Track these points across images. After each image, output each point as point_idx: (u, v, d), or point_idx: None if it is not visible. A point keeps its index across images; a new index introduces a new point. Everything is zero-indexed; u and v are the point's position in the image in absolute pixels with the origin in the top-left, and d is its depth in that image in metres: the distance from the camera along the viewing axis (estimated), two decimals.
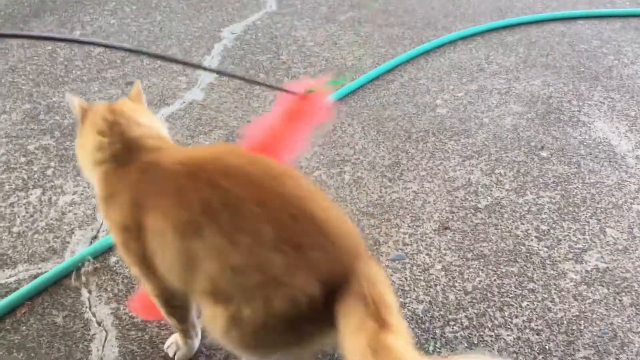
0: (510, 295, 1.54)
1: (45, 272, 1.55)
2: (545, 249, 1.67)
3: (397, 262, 1.63)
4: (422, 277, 1.59)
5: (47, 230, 1.69)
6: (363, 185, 1.88)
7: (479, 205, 1.82)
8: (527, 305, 1.51)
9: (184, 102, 2.26)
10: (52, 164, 1.94)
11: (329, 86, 1.39)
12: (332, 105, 1.24)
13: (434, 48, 2.64)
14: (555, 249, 1.67)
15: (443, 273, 1.60)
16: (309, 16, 2.92)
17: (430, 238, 1.70)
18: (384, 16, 2.93)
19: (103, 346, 1.39)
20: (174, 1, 3.03)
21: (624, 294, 1.55)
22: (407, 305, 1.51)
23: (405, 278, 1.58)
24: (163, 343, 1.40)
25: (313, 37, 2.73)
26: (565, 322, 1.47)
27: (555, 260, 1.64)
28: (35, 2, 2.97)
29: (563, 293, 1.55)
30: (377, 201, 1.82)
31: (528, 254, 1.66)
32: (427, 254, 1.65)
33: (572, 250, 1.67)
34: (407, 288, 1.56)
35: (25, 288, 1.49)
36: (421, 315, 1.48)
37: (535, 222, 1.76)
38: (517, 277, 1.59)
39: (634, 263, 1.63)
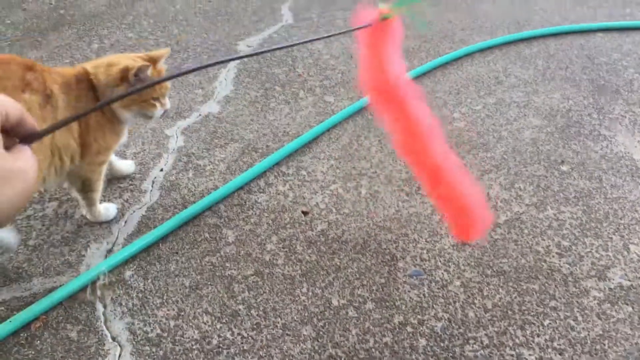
0: (532, 313, 1.50)
1: (60, 285, 1.54)
2: (567, 266, 1.63)
3: (415, 278, 1.60)
4: (440, 294, 1.55)
5: (63, 244, 1.69)
6: (380, 200, 1.86)
7: (499, 221, 1.78)
8: (549, 323, 1.48)
9: (200, 114, 2.26)
10: None
11: (399, 9, 1.35)
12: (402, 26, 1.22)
13: (451, 61, 2.62)
14: (578, 265, 1.63)
15: (462, 290, 1.56)
16: (325, 29, 2.91)
17: (448, 254, 1.67)
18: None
19: None
20: (190, 14, 3.05)
21: None
22: (426, 322, 1.48)
23: (424, 295, 1.55)
24: (177, 359, 1.38)
25: (329, 50, 2.72)
26: (588, 341, 1.43)
27: (578, 278, 1.60)
28: (53, 16, 3.00)
29: (586, 311, 1.51)
30: (394, 215, 1.80)
31: (549, 271, 1.62)
32: (446, 270, 1.62)
33: (594, 267, 1.63)
34: (425, 305, 1.53)
35: (40, 302, 1.48)
36: (440, 333, 1.45)
37: (557, 238, 1.72)
38: (538, 294, 1.55)
39: None
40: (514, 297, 1.54)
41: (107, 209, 1.77)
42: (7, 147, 0.50)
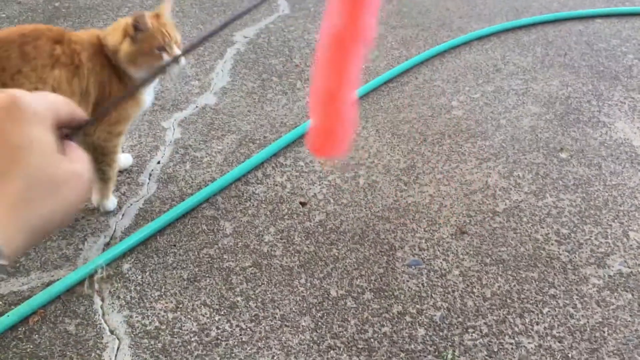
0: (531, 302, 1.50)
1: (58, 279, 1.54)
2: (567, 254, 1.63)
3: (413, 267, 1.59)
4: (439, 283, 1.55)
5: (60, 237, 1.68)
6: (378, 189, 1.85)
7: (497, 209, 1.78)
8: (549, 311, 1.47)
9: (196, 106, 2.25)
10: None
11: None
12: None
13: (449, 49, 2.60)
14: (577, 253, 1.63)
15: (461, 279, 1.56)
16: (321, 19, 2.88)
17: (447, 243, 1.66)
18: (398, 17, 2.90)
19: (115, 355, 1.38)
20: (187, 5, 3.03)
21: None
22: (425, 312, 1.47)
23: (422, 284, 1.55)
24: (176, 352, 1.38)
25: None
26: (588, 329, 1.43)
27: (577, 265, 1.59)
28: (48, 9, 2.98)
29: (585, 299, 1.50)
30: (392, 205, 1.79)
31: (548, 259, 1.61)
32: (445, 259, 1.62)
33: (594, 255, 1.62)
34: (424, 294, 1.52)
35: (37, 296, 1.47)
36: (439, 322, 1.45)
37: (556, 226, 1.71)
38: (537, 282, 1.55)
39: None
40: (513, 286, 1.54)
41: (112, 199, 1.78)
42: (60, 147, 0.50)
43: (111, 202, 1.76)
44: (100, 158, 1.64)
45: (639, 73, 2.40)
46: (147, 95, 1.68)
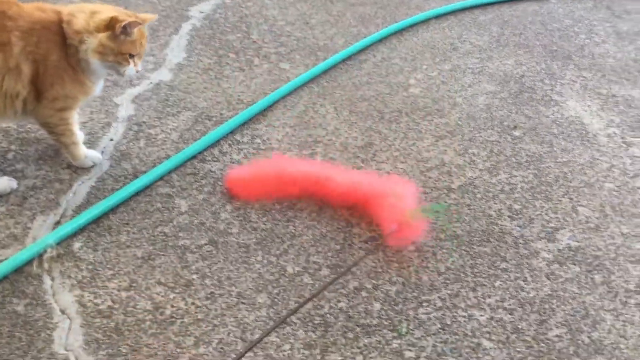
0: (484, 276, 1.53)
1: (5, 259, 1.49)
2: (518, 229, 1.66)
3: (369, 243, 1.60)
4: (394, 259, 1.57)
5: (8, 216, 1.63)
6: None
7: (452, 186, 1.80)
8: (500, 285, 1.51)
9: (151, 82, 2.19)
10: (13, 147, 1.86)
11: (425, 214, 1.61)
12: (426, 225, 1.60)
13: (407, 27, 2.60)
14: (528, 228, 1.67)
15: (416, 254, 1.58)
16: None
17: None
18: None
19: (67, 335, 1.35)
20: None
21: (595, 272, 1.55)
22: (380, 287, 1.49)
23: (378, 260, 1.56)
24: (129, 330, 1.36)
25: (284, 17, 2.67)
26: (537, 301, 1.47)
27: (528, 240, 1.63)
28: None
29: (535, 272, 1.54)
30: None
31: (501, 234, 1.65)
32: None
33: (544, 230, 1.66)
34: (380, 270, 1.54)
35: None
36: (394, 297, 1.47)
37: (508, 202, 1.75)
38: (490, 257, 1.58)
39: (606, 241, 1.64)
40: (467, 260, 1.57)
41: (89, 156, 1.78)
42: None
43: (87, 160, 1.77)
44: (51, 130, 1.68)
45: (590, 53, 2.46)
46: (97, 85, 1.69)
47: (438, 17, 2.69)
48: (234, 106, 2.09)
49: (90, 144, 1.87)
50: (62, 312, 1.39)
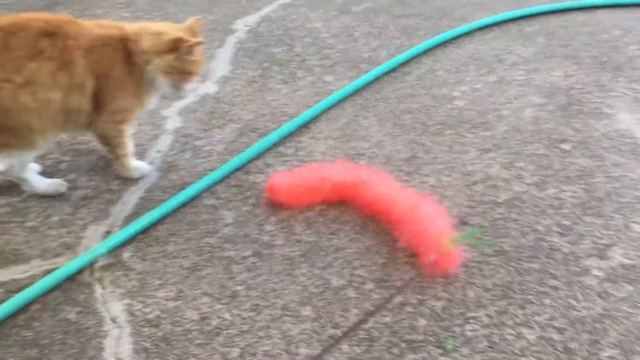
0: (532, 293, 1.50)
1: (58, 267, 1.54)
2: (568, 245, 1.62)
3: (414, 258, 1.59)
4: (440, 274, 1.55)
5: (61, 225, 1.68)
6: None
7: (499, 200, 1.77)
8: (550, 303, 1.47)
9: (197, 95, 2.24)
10: (66, 158, 1.92)
11: (463, 241, 1.58)
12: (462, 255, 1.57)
13: (451, 39, 2.58)
14: (578, 244, 1.62)
15: (462, 269, 1.55)
16: (323, 8, 2.87)
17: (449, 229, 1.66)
18: (400, 7, 2.88)
19: (116, 343, 1.38)
20: None
21: None
22: (426, 302, 1.47)
23: (423, 274, 1.54)
24: (177, 340, 1.38)
25: (327, 29, 2.69)
26: (589, 320, 1.43)
27: (578, 257, 1.59)
28: None
29: (587, 290, 1.50)
30: None
31: (550, 250, 1.61)
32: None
33: (595, 246, 1.62)
34: (425, 285, 1.52)
35: (38, 284, 1.47)
36: (440, 313, 1.45)
37: (557, 217, 1.71)
38: (538, 273, 1.55)
39: None
40: (514, 277, 1.54)
41: (138, 168, 1.83)
42: None
43: (136, 172, 1.83)
44: (106, 141, 1.73)
45: None
46: (153, 99, 1.75)
47: (482, 28, 2.66)
48: (278, 118, 2.11)
49: (139, 155, 1.91)
50: (113, 320, 1.43)
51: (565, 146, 1.98)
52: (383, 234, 1.66)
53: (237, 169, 1.88)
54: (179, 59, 1.61)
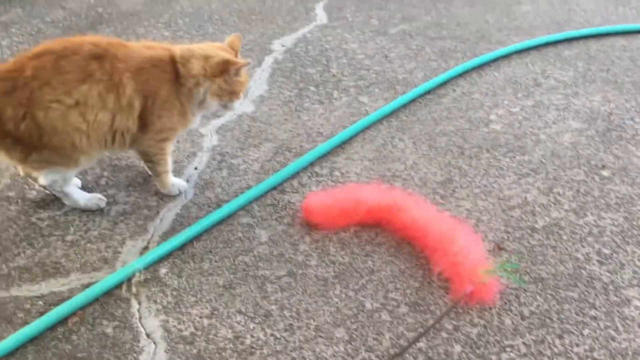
0: (571, 322, 1.46)
1: (96, 281, 1.56)
2: (608, 274, 1.59)
3: (449, 282, 1.57)
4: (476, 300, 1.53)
5: (100, 240, 1.71)
6: None
7: (536, 226, 1.74)
8: (589, 333, 1.44)
9: (234, 114, 2.27)
10: (106, 173, 1.96)
11: (500, 272, 1.57)
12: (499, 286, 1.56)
13: (488, 62, 2.57)
14: (619, 274, 1.59)
15: (498, 296, 1.53)
16: (359, 29, 2.89)
17: (485, 259, 1.64)
18: (436, 29, 2.88)
19: (151, 359, 1.39)
20: (225, 13, 3.06)
21: None
22: (461, 328, 1.45)
23: (458, 300, 1.52)
24: (211, 358, 1.39)
25: (363, 50, 2.70)
26: (630, 352, 1.39)
27: (619, 286, 1.55)
28: (92, 14, 3.05)
29: (627, 321, 1.46)
30: None
31: (589, 279, 1.58)
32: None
33: (636, 276, 1.58)
34: (460, 310, 1.50)
35: (77, 297, 1.50)
36: (475, 340, 1.43)
37: (597, 245, 1.67)
38: (577, 302, 1.51)
39: None
40: (552, 305, 1.51)
41: (176, 185, 1.86)
42: None
43: (174, 189, 1.86)
44: (148, 158, 1.76)
45: None
46: (197, 118, 1.79)
47: (520, 51, 2.65)
48: (314, 138, 2.13)
49: (177, 172, 1.94)
50: (148, 336, 1.44)
51: (605, 172, 1.94)
52: (418, 257, 1.65)
53: (273, 188, 1.90)
54: (228, 80, 1.66)
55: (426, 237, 1.64)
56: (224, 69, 1.64)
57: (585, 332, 1.44)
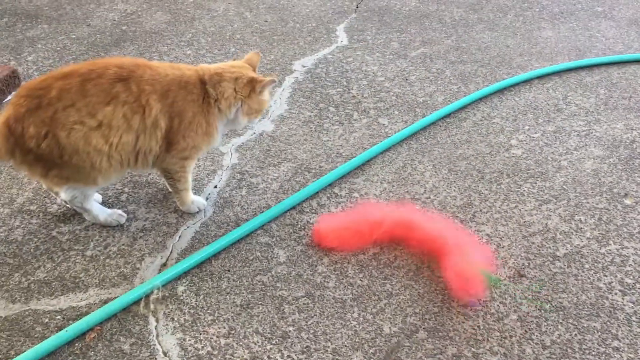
0: (593, 353, 1.44)
1: (115, 297, 1.56)
2: (631, 305, 1.56)
3: (469, 308, 1.55)
4: (496, 327, 1.51)
5: (119, 256, 1.72)
6: None
7: (558, 253, 1.72)
8: None
9: (254, 133, 2.28)
10: (126, 189, 1.98)
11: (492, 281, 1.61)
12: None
13: (509, 86, 2.57)
14: None
15: (519, 324, 1.51)
16: (379, 51, 2.91)
17: (505, 285, 1.62)
18: (457, 53, 2.89)
19: None
20: (247, 33, 3.10)
21: None
22: (480, 355, 1.43)
23: (478, 327, 1.51)
24: None
25: (384, 72, 2.71)
26: None
27: None
28: (116, 32, 3.10)
29: None
30: None
31: (612, 309, 1.55)
32: (502, 302, 1.57)
33: None
34: (479, 337, 1.48)
35: (95, 313, 1.50)
36: None
37: (620, 275, 1.65)
38: (600, 333, 1.49)
39: None
40: (574, 335, 1.48)
41: (196, 202, 1.87)
42: None
43: (193, 206, 1.87)
44: (170, 176, 1.77)
45: None
46: (221, 136, 1.80)
47: (541, 77, 2.64)
48: (333, 159, 2.13)
49: (196, 190, 1.95)
50: (165, 354, 1.43)
51: (628, 201, 1.92)
52: (437, 281, 1.63)
53: (292, 208, 1.90)
54: (256, 98, 1.71)
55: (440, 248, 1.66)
56: (252, 88, 1.69)
57: None
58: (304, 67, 2.77)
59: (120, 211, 1.83)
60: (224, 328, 1.50)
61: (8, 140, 1.55)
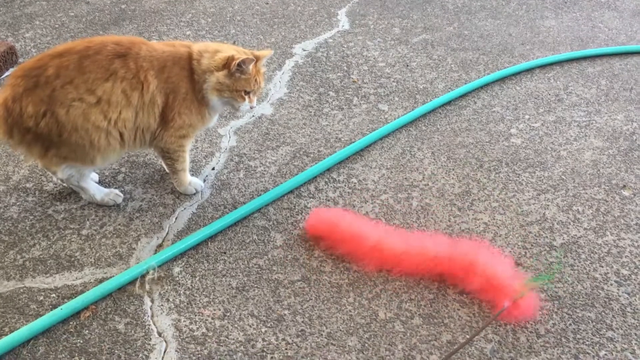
0: (587, 343, 1.44)
1: (110, 277, 1.56)
2: (626, 296, 1.56)
3: (464, 296, 1.55)
4: (491, 315, 1.51)
5: (115, 235, 1.71)
6: (431, 213, 1.82)
7: (554, 243, 1.72)
8: (605, 355, 1.41)
9: (253, 115, 2.26)
10: (123, 169, 1.96)
11: (535, 284, 1.56)
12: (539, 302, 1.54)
13: (510, 75, 2.56)
14: (637, 296, 1.56)
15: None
16: (381, 37, 2.89)
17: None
18: (458, 40, 2.87)
19: (162, 357, 1.38)
20: (248, 15, 3.07)
21: None
22: (475, 343, 1.43)
23: (473, 314, 1.51)
24: (221, 359, 1.38)
25: (384, 58, 2.69)
26: None
27: (637, 309, 1.53)
28: (115, 10, 3.06)
29: None
30: (445, 230, 1.76)
31: (607, 299, 1.55)
32: None
33: None
34: (474, 325, 1.48)
35: (90, 292, 1.50)
36: (489, 355, 1.41)
37: (616, 266, 1.65)
38: (594, 323, 1.49)
39: None
40: (569, 324, 1.49)
41: (193, 184, 1.86)
42: None
43: (190, 187, 1.86)
44: (168, 155, 1.76)
45: None
46: (215, 117, 1.78)
47: (543, 66, 2.63)
48: (332, 144, 2.12)
49: (194, 171, 1.94)
50: (159, 334, 1.43)
51: (626, 192, 1.91)
52: None
53: (289, 192, 1.89)
54: (230, 76, 1.63)
55: (451, 269, 1.59)
56: (226, 63, 1.62)
57: (602, 353, 1.42)
58: (305, 50, 2.75)
59: (117, 191, 1.82)
60: (219, 310, 1.50)
61: (6, 121, 1.54)
